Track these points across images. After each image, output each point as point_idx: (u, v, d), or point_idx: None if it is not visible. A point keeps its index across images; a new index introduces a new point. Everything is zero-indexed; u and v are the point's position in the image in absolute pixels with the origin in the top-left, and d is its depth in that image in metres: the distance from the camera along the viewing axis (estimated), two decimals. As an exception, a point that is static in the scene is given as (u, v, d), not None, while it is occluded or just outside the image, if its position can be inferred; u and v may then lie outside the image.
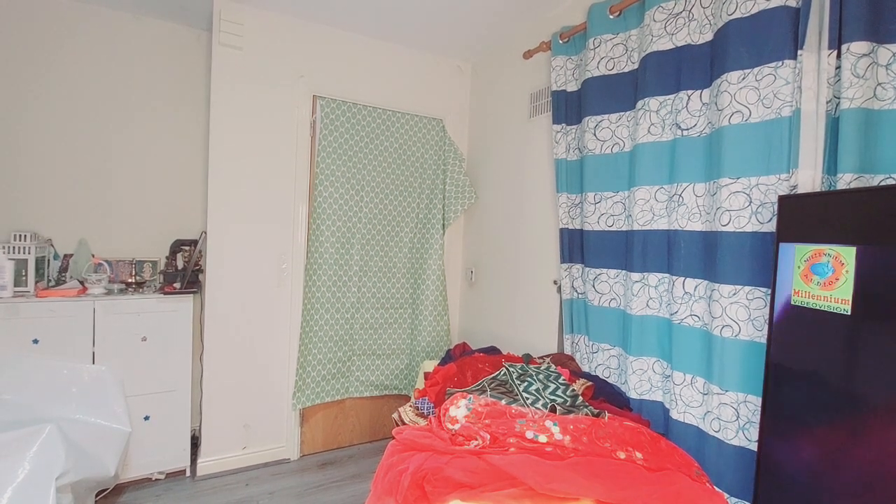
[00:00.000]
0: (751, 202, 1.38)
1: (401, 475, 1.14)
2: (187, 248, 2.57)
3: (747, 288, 1.38)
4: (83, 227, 2.42)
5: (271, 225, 2.48)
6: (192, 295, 2.33)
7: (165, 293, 2.27)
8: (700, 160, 1.55)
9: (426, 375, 1.93)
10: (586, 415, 1.45)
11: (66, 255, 2.36)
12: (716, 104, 1.47)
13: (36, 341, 1.97)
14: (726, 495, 1.39)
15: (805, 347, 1.14)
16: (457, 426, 1.29)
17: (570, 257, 2.05)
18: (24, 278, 2.04)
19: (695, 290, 1.56)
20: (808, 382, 1.13)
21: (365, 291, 2.70)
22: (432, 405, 1.56)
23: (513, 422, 1.30)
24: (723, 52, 1.44)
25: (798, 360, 1.16)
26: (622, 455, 1.20)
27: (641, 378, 1.72)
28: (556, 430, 1.27)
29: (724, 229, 1.42)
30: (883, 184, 1.12)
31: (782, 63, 1.31)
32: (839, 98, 1.18)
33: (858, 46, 1.15)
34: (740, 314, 1.39)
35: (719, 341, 1.43)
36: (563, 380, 1.65)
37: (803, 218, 1.18)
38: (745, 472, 1.37)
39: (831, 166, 1.22)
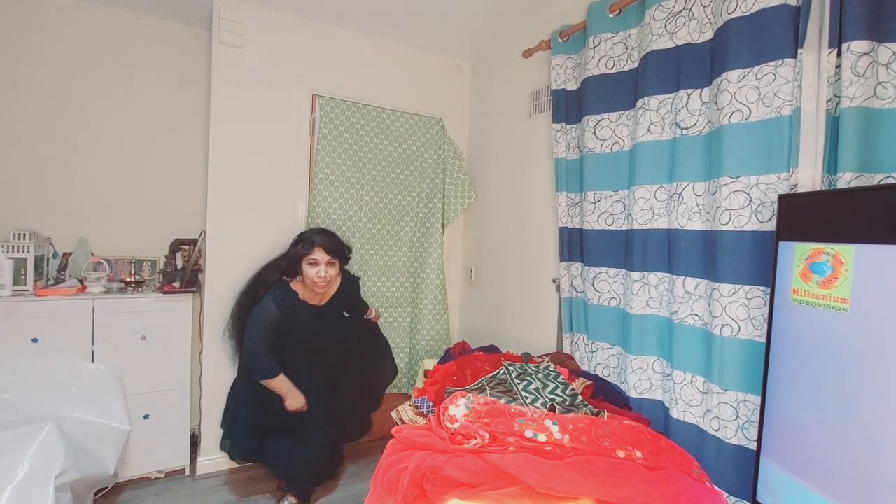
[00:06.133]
0: (751, 201, 1.38)
1: (400, 474, 1.14)
2: (187, 247, 2.57)
3: (747, 287, 1.38)
4: (82, 226, 2.42)
5: (271, 224, 2.47)
6: (191, 294, 2.33)
7: (165, 292, 2.27)
8: (700, 159, 1.55)
9: (426, 374, 1.93)
10: (585, 414, 1.45)
11: (65, 254, 2.36)
12: (716, 103, 1.47)
13: (35, 340, 1.97)
14: (725, 494, 1.39)
15: (804, 346, 1.14)
16: (456, 425, 1.29)
17: (569, 256, 2.05)
18: (23, 277, 2.04)
19: (695, 289, 1.56)
20: (807, 382, 1.13)
21: (364, 290, 2.70)
22: (431, 404, 1.56)
23: (512, 421, 1.30)
24: (723, 51, 1.44)
25: (797, 359, 1.16)
26: (622, 454, 1.20)
27: (641, 377, 1.72)
28: (555, 429, 1.27)
29: (724, 228, 1.42)
30: (883, 182, 1.11)
31: (782, 62, 1.31)
32: (839, 97, 1.18)
33: (859, 45, 1.15)
34: (740, 313, 1.39)
35: (719, 340, 1.43)
36: (563, 379, 1.65)
37: (803, 217, 1.17)
38: (745, 471, 1.37)
39: (831, 165, 1.22)
